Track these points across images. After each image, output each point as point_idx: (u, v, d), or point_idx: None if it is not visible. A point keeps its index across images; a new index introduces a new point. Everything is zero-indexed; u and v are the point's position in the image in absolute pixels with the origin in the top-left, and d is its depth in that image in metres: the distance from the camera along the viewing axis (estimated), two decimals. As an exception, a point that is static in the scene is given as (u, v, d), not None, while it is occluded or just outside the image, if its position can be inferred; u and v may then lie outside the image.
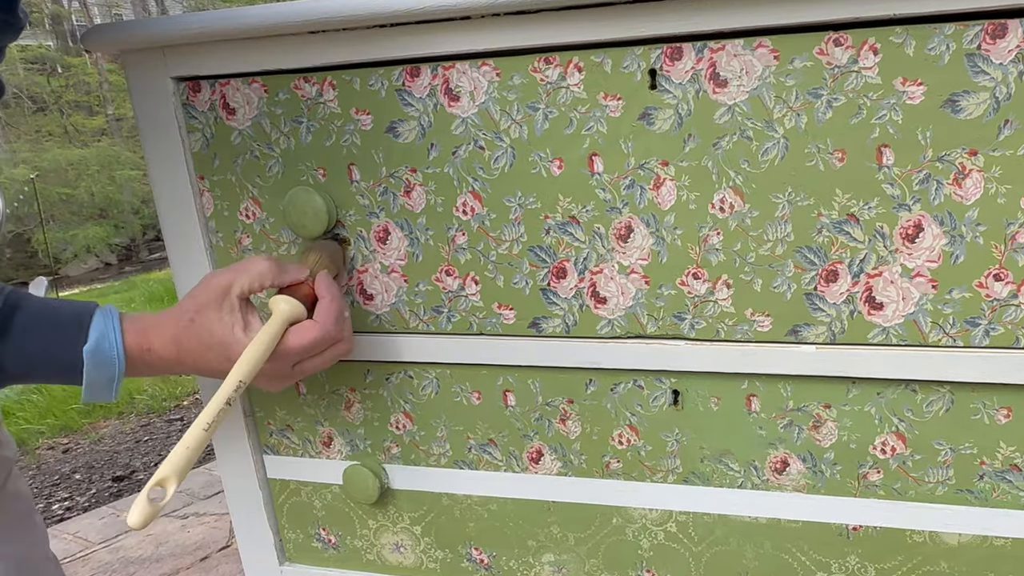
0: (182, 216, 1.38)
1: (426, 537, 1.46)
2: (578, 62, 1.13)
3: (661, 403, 1.25)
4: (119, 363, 1.13)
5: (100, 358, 1.12)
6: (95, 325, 1.13)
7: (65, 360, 1.12)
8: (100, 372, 1.13)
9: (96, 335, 1.12)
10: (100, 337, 1.12)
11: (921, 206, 1.06)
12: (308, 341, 1.19)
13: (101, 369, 1.13)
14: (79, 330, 1.12)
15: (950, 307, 1.09)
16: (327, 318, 1.21)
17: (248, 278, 1.19)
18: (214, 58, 1.28)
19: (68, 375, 1.13)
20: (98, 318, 1.14)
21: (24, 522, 1.37)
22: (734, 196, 1.12)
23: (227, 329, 1.16)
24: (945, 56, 1.00)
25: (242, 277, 1.19)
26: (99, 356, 1.12)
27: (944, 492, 1.18)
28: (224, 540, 4.00)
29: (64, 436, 6.35)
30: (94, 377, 1.13)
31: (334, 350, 1.24)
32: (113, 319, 1.14)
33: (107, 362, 1.13)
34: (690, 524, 1.30)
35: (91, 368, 1.12)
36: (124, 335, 1.14)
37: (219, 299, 1.17)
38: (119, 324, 1.14)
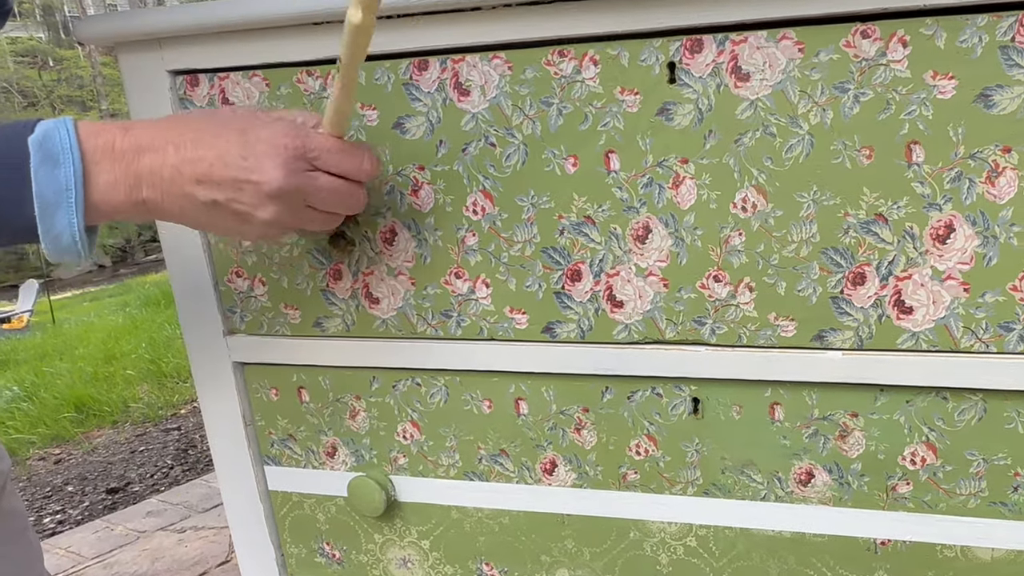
0: (180, 216, 1.38)
1: (434, 552, 1.47)
2: (594, 55, 1.14)
3: (680, 412, 1.26)
4: (74, 159, 1.00)
5: (49, 149, 0.99)
6: (44, 122, 1.01)
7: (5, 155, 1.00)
8: (52, 172, 1.00)
9: (45, 127, 1.00)
10: (49, 128, 1.00)
11: (952, 205, 1.06)
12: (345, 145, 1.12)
13: (53, 168, 1.00)
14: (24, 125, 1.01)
15: (983, 311, 1.09)
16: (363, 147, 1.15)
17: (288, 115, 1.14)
18: (213, 50, 1.29)
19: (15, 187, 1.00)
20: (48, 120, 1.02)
21: (19, 540, 1.37)
22: (757, 195, 1.12)
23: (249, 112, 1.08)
24: (978, 48, 1.00)
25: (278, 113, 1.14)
26: (48, 147, 0.99)
27: (977, 505, 1.18)
28: (223, 555, 4.01)
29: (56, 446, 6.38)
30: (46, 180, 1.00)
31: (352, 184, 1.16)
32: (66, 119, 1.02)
33: (59, 156, 1.00)
34: (711, 538, 1.30)
35: (39, 164, 0.99)
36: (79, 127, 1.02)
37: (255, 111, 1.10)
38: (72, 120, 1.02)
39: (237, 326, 1.43)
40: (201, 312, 1.44)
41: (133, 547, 4.24)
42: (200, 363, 1.47)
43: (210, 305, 1.42)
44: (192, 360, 1.48)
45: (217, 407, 1.48)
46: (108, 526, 4.54)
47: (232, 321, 1.43)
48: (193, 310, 1.44)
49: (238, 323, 1.43)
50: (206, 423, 1.51)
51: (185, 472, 5.53)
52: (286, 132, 1.07)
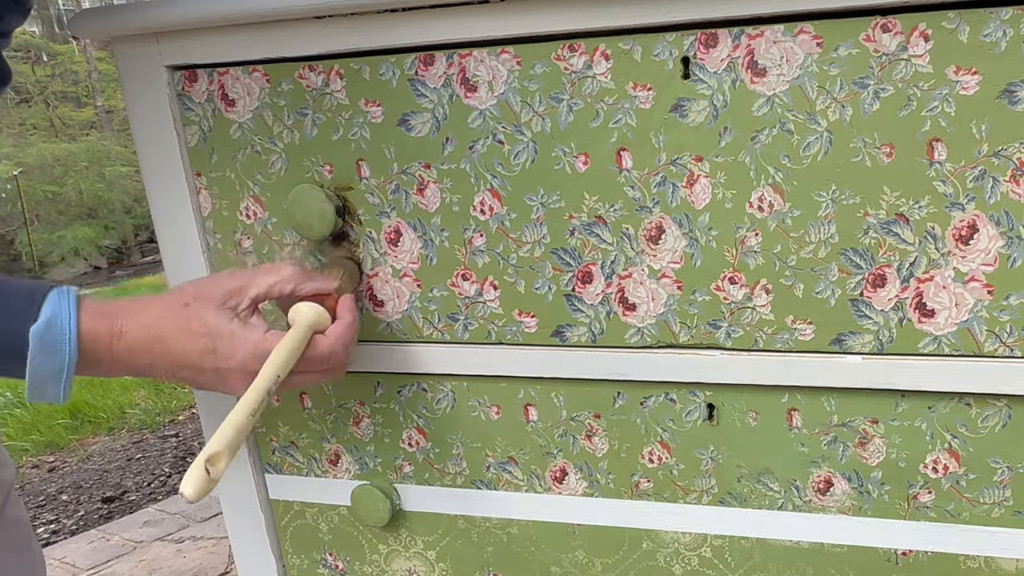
0: (177, 216, 1.38)
1: (441, 563, 1.47)
2: (605, 49, 1.14)
3: (695, 418, 1.26)
4: (70, 351, 1.07)
5: (48, 342, 1.06)
6: (48, 303, 1.07)
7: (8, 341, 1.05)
8: (48, 359, 1.06)
9: (48, 314, 1.06)
10: (52, 317, 1.06)
11: (976, 205, 1.06)
12: (316, 353, 1.18)
13: (49, 355, 1.06)
14: (29, 307, 1.06)
15: (1007, 314, 1.09)
16: (340, 339, 1.20)
17: (268, 280, 1.18)
18: (212, 45, 1.29)
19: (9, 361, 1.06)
20: (53, 297, 1.08)
21: (22, 551, 1.37)
22: (773, 194, 1.13)
23: (223, 321, 1.14)
24: (1002, 43, 1.00)
25: (261, 278, 1.18)
26: (48, 339, 1.06)
27: (1001, 514, 1.18)
28: (223, 566, 4.01)
29: (50, 454, 6.38)
30: (40, 365, 1.06)
31: (328, 373, 1.23)
32: (70, 299, 1.08)
33: (56, 347, 1.06)
34: (726, 549, 1.30)
35: (37, 353, 1.05)
36: (81, 319, 1.08)
37: (226, 295, 1.16)
38: (75, 306, 1.09)
39: (237, 329, 1.43)
40: (200, 315, 1.44)
41: (130, 558, 4.24)
42: (199, 368, 1.47)
43: (209, 308, 1.43)
44: (191, 365, 1.48)
45: (216, 413, 1.48)
46: (104, 536, 4.54)
47: (232, 324, 1.43)
48: (192, 313, 1.44)
49: (238, 326, 1.43)
50: (205, 430, 1.51)
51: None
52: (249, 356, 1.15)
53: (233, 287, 1.16)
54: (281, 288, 1.19)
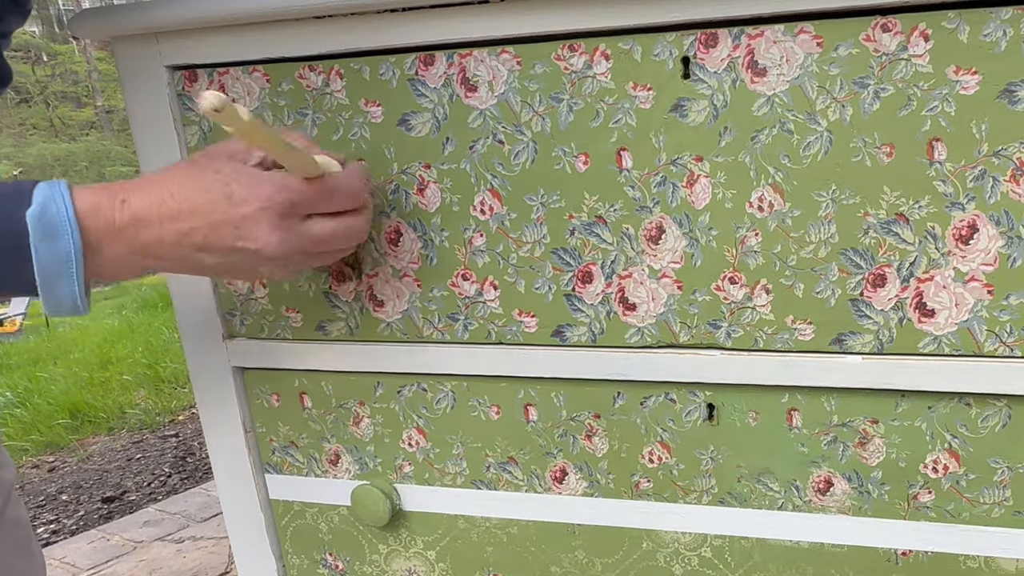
0: (178, 216, 1.38)
1: (441, 563, 1.47)
2: (605, 49, 1.14)
3: (695, 418, 1.26)
4: (72, 231, 1.02)
5: (48, 224, 1.01)
6: (39, 190, 1.03)
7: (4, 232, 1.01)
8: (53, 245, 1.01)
9: (41, 198, 1.02)
10: (45, 200, 1.01)
11: (976, 205, 1.06)
12: (335, 183, 1.13)
13: (53, 241, 1.01)
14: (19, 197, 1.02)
15: (1007, 314, 1.09)
16: (359, 175, 1.17)
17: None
18: (212, 45, 1.29)
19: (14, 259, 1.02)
20: (43, 185, 1.03)
21: (23, 551, 1.37)
22: (773, 194, 1.13)
23: (236, 167, 1.09)
24: (1002, 43, 1.00)
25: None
26: (47, 221, 1.01)
27: (1001, 514, 1.18)
28: (223, 566, 4.01)
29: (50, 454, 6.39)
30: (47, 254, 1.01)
31: (351, 219, 1.17)
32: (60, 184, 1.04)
33: (58, 229, 1.01)
34: (726, 549, 1.31)
35: (39, 239, 1.01)
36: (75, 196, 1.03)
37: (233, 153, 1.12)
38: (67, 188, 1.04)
39: (237, 330, 1.44)
40: (200, 315, 1.44)
41: (130, 558, 4.25)
42: (199, 368, 1.48)
43: (209, 308, 1.43)
44: (190, 365, 1.48)
45: (216, 413, 1.49)
46: (104, 536, 4.54)
47: (232, 325, 1.43)
48: (192, 313, 1.44)
49: (238, 327, 1.43)
50: (205, 430, 1.51)
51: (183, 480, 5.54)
52: (271, 190, 1.09)
53: (241, 147, 1.13)
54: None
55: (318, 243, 1.15)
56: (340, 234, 1.16)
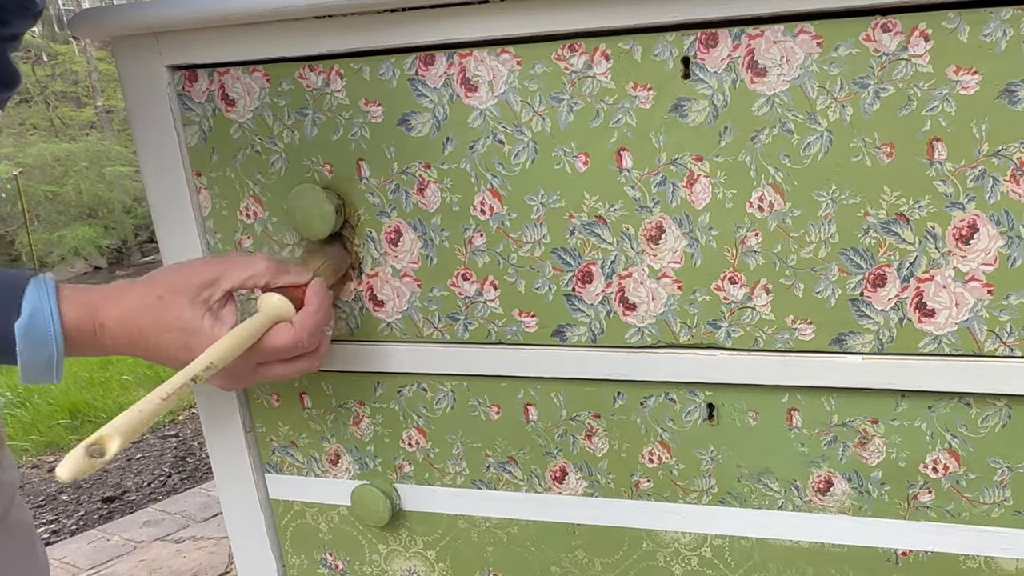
0: (177, 216, 1.38)
1: (441, 563, 1.47)
2: (605, 49, 1.14)
3: (695, 418, 1.26)
4: (56, 343, 1.09)
5: (34, 336, 1.08)
6: (28, 298, 1.09)
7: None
8: (36, 352, 1.09)
9: (30, 309, 1.08)
10: (34, 312, 1.08)
11: (976, 204, 1.06)
12: (279, 343, 1.19)
13: (37, 349, 1.09)
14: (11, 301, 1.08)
15: (1007, 314, 1.09)
16: (304, 326, 1.21)
17: (242, 274, 1.19)
18: (212, 45, 1.29)
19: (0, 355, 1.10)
20: (32, 291, 1.10)
21: (26, 554, 1.37)
22: (774, 194, 1.13)
23: (197, 317, 1.15)
24: (1002, 43, 1.00)
25: (235, 271, 1.19)
26: (33, 334, 1.08)
27: (1001, 514, 1.18)
28: (223, 566, 4.01)
29: (50, 454, 6.37)
30: (29, 358, 1.09)
31: (300, 363, 1.24)
32: (48, 292, 1.10)
33: (42, 341, 1.09)
34: (726, 549, 1.31)
35: (25, 348, 1.08)
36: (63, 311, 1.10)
37: (199, 288, 1.16)
38: (55, 299, 1.11)
39: (237, 329, 1.43)
40: (200, 315, 1.44)
41: (130, 558, 4.25)
42: (199, 368, 1.47)
43: (209, 308, 1.43)
44: (191, 364, 1.48)
45: (216, 413, 1.49)
46: (104, 536, 4.54)
47: (232, 324, 1.43)
48: (192, 313, 1.44)
49: (238, 326, 1.43)
50: (205, 430, 1.51)
51: (183, 480, 5.53)
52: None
53: (207, 279, 1.17)
54: (255, 282, 1.20)
55: (268, 380, 1.27)
56: (289, 376, 1.26)
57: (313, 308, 1.22)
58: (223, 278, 1.18)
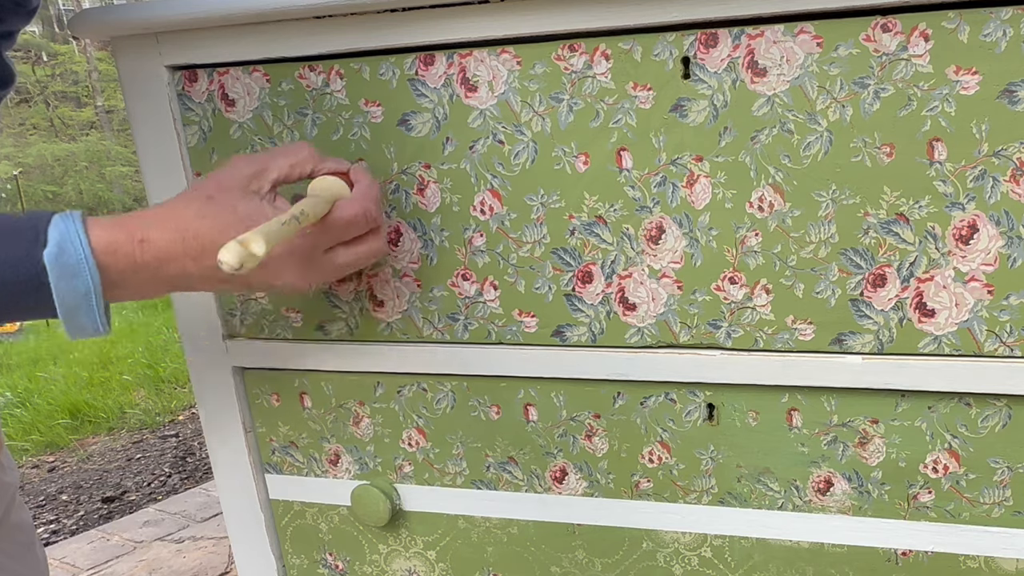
0: (178, 216, 1.38)
1: (441, 563, 1.47)
2: (605, 49, 1.14)
3: (695, 418, 1.26)
4: (90, 270, 1.03)
5: (66, 265, 1.02)
6: (55, 227, 1.03)
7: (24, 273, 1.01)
8: (71, 285, 1.03)
9: (57, 237, 1.02)
10: (62, 240, 1.02)
11: (976, 205, 1.06)
12: (349, 215, 1.15)
13: (71, 280, 1.03)
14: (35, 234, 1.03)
15: (1007, 314, 1.09)
16: (367, 195, 1.18)
17: (286, 163, 1.16)
18: (212, 45, 1.29)
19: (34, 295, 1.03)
20: (58, 221, 1.04)
21: (26, 555, 1.37)
22: (774, 194, 1.13)
23: (254, 204, 1.11)
24: (1002, 43, 1.00)
25: (279, 160, 1.15)
26: (64, 262, 1.02)
27: (1001, 514, 1.18)
28: (223, 566, 4.01)
29: (50, 454, 6.38)
30: (66, 292, 1.03)
31: (370, 243, 1.20)
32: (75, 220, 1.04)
33: (75, 269, 1.02)
34: (726, 549, 1.31)
35: (59, 279, 1.02)
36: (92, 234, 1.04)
37: (247, 182, 1.12)
38: (82, 225, 1.04)
39: (237, 330, 1.44)
40: (200, 315, 1.44)
41: (130, 558, 4.25)
42: (199, 368, 1.47)
43: (209, 308, 1.43)
44: (190, 365, 1.48)
45: (216, 413, 1.49)
46: (104, 536, 4.54)
47: (232, 325, 1.43)
48: (192, 313, 1.44)
49: (238, 327, 1.43)
50: (205, 430, 1.51)
51: (183, 480, 5.54)
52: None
53: (252, 171, 1.13)
54: (301, 170, 1.17)
55: (340, 270, 1.20)
56: (361, 260, 1.21)
57: (367, 182, 1.19)
58: (268, 168, 1.14)
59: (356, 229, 1.17)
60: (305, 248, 1.14)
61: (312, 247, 1.15)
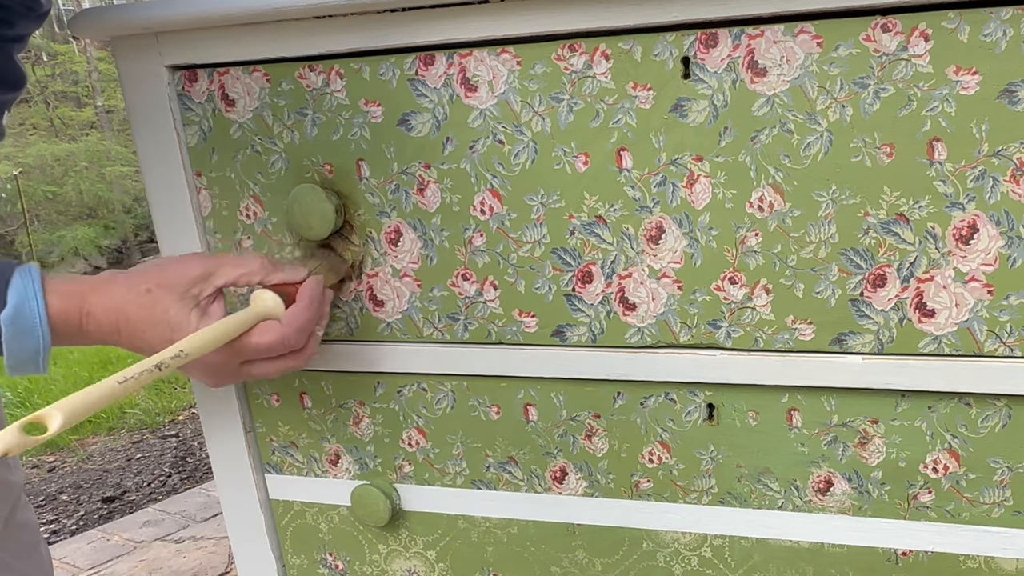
0: (177, 216, 1.38)
1: (441, 563, 1.47)
2: (605, 49, 1.14)
3: (695, 418, 1.26)
4: (43, 333, 1.09)
5: (21, 327, 1.07)
6: (13, 288, 1.08)
7: None
8: (22, 342, 1.08)
9: (15, 300, 1.07)
10: (19, 302, 1.07)
11: (976, 205, 1.06)
12: (264, 341, 1.19)
13: (23, 339, 1.08)
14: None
15: (1007, 314, 1.09)
16: (292, 324, 1.20)
17: (235, 271, 1.19)
18: (212, 45, 1.29)
19: None
20: (17, 281, 1.09)
21: (31, 555, 1.38)
22: (774, 194, 1.13)
23: (184, 312, 1.15)
24: (1002, 43, 1.00)
25: (228, 268, 1.19)
26: (19, 325, 1.07)
27: (1001, 514, 1.18)
28: (223, 566, 4.01)
29: (50, 454, 6.37)
30: (16, 349, 1.09)
31: (285, 361, 1.24)
32: (34, 282, 1.09)
33: (28, 332, 1.08)
34: (726, 549, 1.31)
35: (11, 338, 1.07)
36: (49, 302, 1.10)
37: (190, 283, 1.16)
38: (41, 289, 1.10)
39: (237, 329, 1.43)
40: (200, 315, 1.44)
41: (130, 558, 4.24)
42: (199, 368, 1.47)
43: (209, 308, 1.43)
44: (191, 364, 1.48)
45: (216, 413, 1.49)
46: (104, 536, 4.54)
47: (232, 324, 1.43)
48: (192, 313, 1.44)
49: (238, 326, 1.43)
50: (205, 430, 1.51)
51: (183, 480, 5.53)
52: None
53: (199, 274, 1.17)
54: (248, 279, 1.20)
55: (253, 379, 1.28)
56: (275, 374, 1.25)
57: (303, 305, 1.22)
58: (215, 274, 1.18)
59: (272, 353, 1.22)
60: (215, 363, 1.20)
61: (224, 362, 1.20)
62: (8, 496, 1.32)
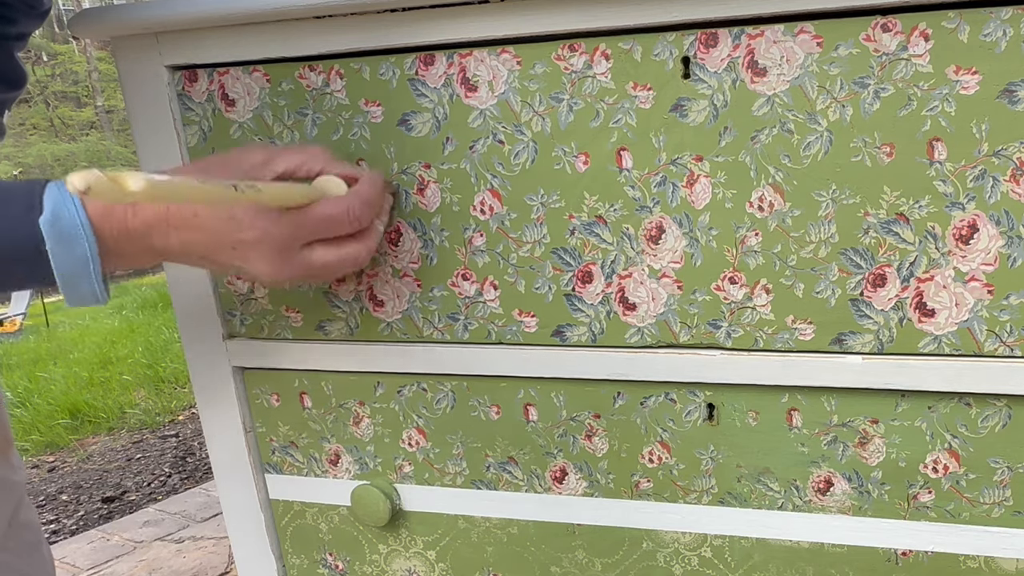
0: (178, 216, 1.38)
1: (441, 563, 1.47)
2: (605, 49, 1.14)
3: (695, 418, 1.26)
4: (86, 236, 1.03)
5: (62, 230, 1.02)
6: (49, 195, 1.03)
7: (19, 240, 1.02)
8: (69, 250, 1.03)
9: (51, 205, 1.02)
10: (57, 207, 1.02)
11: (976, 204, 1.06)
12: (330, 211, 1.13)
13: (69, 246, 1.03)
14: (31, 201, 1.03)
15: (1007, 314, 1.09)
16: (358, 195, 1.16)
17: (296, 158, 1.15)
18: (212, 45, 1.29)
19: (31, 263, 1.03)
20: (52, 187, 1.04)
21: (33, 554, 1.38)
22: (774, 194, 1.13)
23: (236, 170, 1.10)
24: (1002, 43, 1.00)
25: (289, 155, 1.15)
26: (60, 228, 1.02)
27: (1001, 514, 1.18)
28: (223, 566, 4.01)
29: (50, 454, 6.38)
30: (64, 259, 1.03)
31: (351, 246, 1.17)
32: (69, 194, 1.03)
33: (72, 236, 1.03)
34: (726, 549, 1.30)
35: (55, 245, 1.02)
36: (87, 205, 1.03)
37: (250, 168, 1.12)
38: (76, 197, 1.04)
39: (237, 330, 1.44)
40: (200, 315, 1.44)
41: (130, 558, 4.25)
42: (199, 368, 1.47)
43: (209, 308, 1.43)
44: (190, 365, 1.48)
45: (216, 413, 1.49)
46: (104, 536, 4.54)
47: (232, 324, 1.43)
48: (192, 313, 1.44)
49: (238, 327, 1.43)
50: (205, 430, 1.51)
51: (183, 480, 5.54)
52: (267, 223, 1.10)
53: (260, 160, 1.13)
54: (309, 167, 1.16)
55: (314, 270, 1.16)
56: (337, 264, 1.18)
57: (367, 182, 1.18)
58: (276, 159, 1.14)
59: (337, 227, 1.15)
60: (278, 237, 1.11)
61: (286, 237, 1.12)
62: (11, 496, 1.32)
